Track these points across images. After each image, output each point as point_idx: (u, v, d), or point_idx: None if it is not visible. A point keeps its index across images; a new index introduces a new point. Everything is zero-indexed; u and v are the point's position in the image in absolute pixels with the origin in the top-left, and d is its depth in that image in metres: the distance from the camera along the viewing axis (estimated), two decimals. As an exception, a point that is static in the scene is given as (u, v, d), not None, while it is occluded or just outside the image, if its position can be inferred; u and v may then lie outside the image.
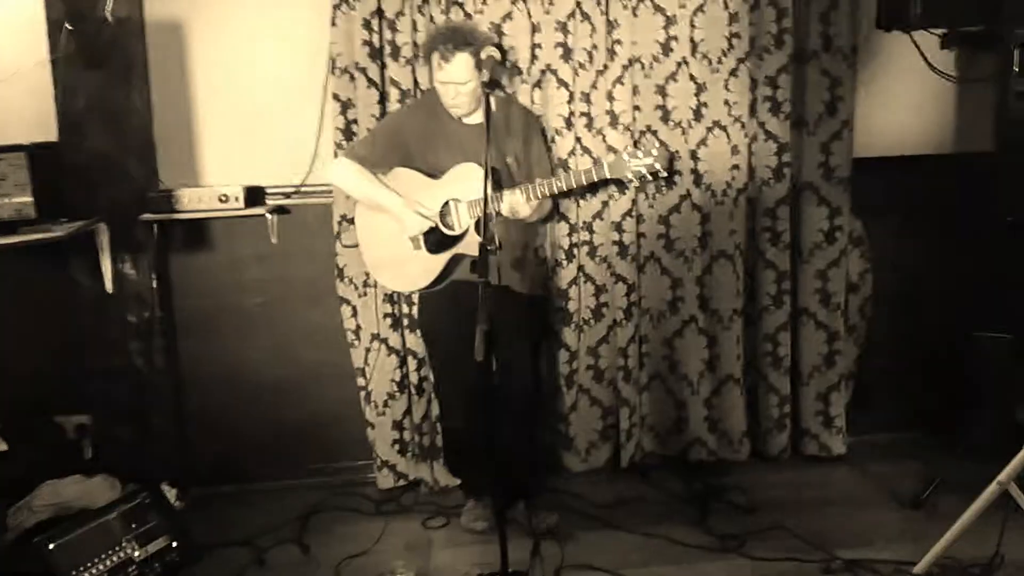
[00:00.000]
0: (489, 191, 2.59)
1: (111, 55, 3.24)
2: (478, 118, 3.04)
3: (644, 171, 2.86)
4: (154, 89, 3.42)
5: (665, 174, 2.91)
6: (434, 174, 3.07)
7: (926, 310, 3.79)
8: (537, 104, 3.45)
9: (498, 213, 2.91)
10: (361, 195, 3.13)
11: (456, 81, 2.93)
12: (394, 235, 3.08)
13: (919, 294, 3.79)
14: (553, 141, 3.46)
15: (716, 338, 3.66)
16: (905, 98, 3.72)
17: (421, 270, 3.08)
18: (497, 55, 2.85)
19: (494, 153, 2.95)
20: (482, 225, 2.52)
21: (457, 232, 3.04)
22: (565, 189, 2.96)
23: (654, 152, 2.89)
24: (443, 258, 3.06)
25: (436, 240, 3.06)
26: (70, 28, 3.12)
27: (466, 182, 2.97)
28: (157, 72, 3.42)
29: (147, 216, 3.34)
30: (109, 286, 3.33)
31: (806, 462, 3.73)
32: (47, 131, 3.24)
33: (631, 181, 2.96)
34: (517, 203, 2.92)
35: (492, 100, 2.95)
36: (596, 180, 2.96)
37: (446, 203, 3.04)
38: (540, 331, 3.46)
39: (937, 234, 3.74)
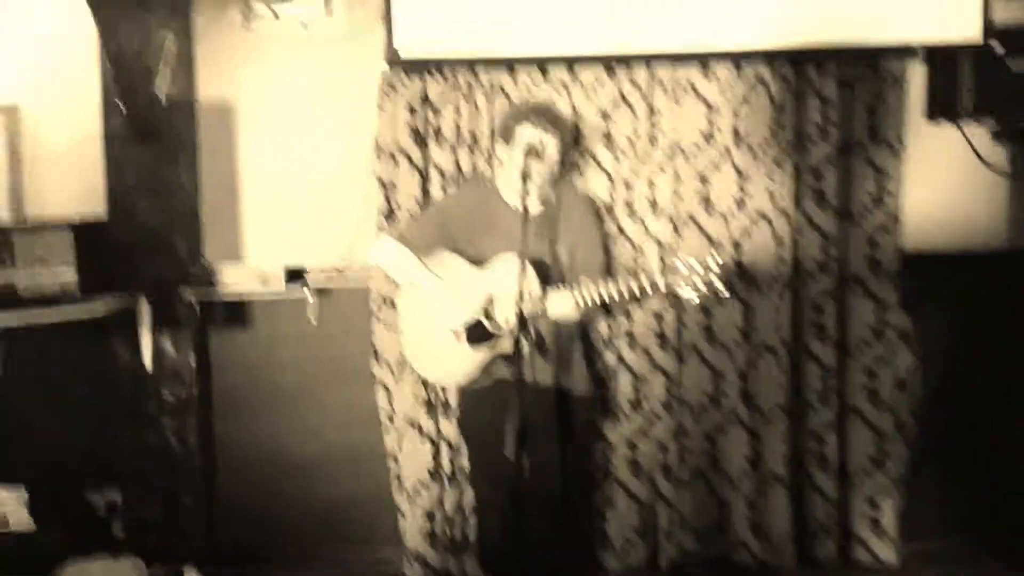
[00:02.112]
0: (531, 285, 2.49)
1: (162, 134, 3.24)
2: (537, 206, 2.87)
3: (705, 290, 2.59)
4: (203, 168, 3.41)
5: (727, 295, 2.65)
6: (480, 261, 2.88)
7: (979, 410, 3.52)
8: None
9: (544, 313, 2.69)
10: (402, 278, 2.95)
11: (542, 157, 2.77)
12: (434, 323, 2.87)
13: (972, 393, 3.53)
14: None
15: (760, 435, 3.42)
16: (955, 191, 3.53)
17: (459, 363, 2.86)
18: (572, 137, 2.80)
19: (545, 244, 2.78)
20: (518, 319, 2.38)
21: (500, 327, 2.80)
22: (616, 298, 2.68)
23: (715, 268, 2.58)
24: (482, 354, 2.83)
25: (477, 334, 2.84)
26: (123, 107, 3.13)
27: (513, 274, 2.70)
28: (206, 151, 3.41)
29: (188, 293, 3.29)
30: (148, 363, 3.25)
31: (856, 570, 3.42)
32: (96, 206, 3.22)
33: (688, 299, 2.63)
34: (566, 307, 2.68)
35: (556, 187, 2.84)
36: (651, 293, 2.68)
37: (491, 295, 2.83)
38: (586, 433, 3.17)
39: (989, 331, 3.50)
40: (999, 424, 3.46)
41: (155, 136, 3.23)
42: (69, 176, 3.23)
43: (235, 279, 3.31)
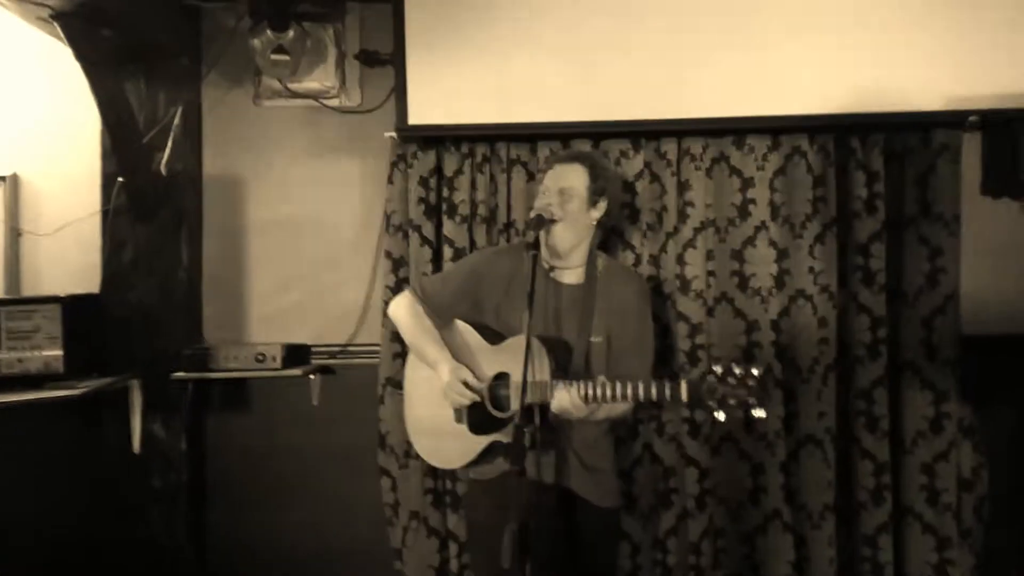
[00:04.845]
0: (541, 371, 2.24)
1: (163, 208, 3.16)
2: (575, 277, 2.56)
3: (735, 411, 2.14)
4: (206, 243, 3.32)
5: (763, 414, 2.14)
6: (497, 336, 2.55)
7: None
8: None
9: (545, 405, 2.35)
10: (411, 341, 2.65)
11: (556, 185, 2.49)
12: (438, 398, 2.55)
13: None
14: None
15: (805, 537, 3.07)
16: (1018, 269, 3.20)
17: (459, 448, 2.54)
18: (620, 193, 2.54)
19: (577, 328, 2.47)
20: (521, 408, 2.12)
21: (505, 415, 2.46)
22: (630, 400, 2.31)
23: (750, 382, 2.12)
24: (482, 441, 2.51)
25: (479, 418, 2.51)
26: (123, 181, 3.03)
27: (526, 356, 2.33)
28: (210, 226, 3.33)
29: (180, 374, 3.12)
30: (136, 446, 3.07)
31: None
32: (90, 283, 3.13)
33: (715, 412, 2.18)
34: (569, 401, 2.32)
35: (600, 260, 2.55)
36: (668, 400, 2.29)
37: (500, 376, 2.50)
38: (610, 546, 2.74)
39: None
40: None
41: (155, 211, 3.15)
42: (67, 251, 3.17)
43: (229, 357, 3.14)
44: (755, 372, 2.14)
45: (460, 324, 2.61)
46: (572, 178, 2.51)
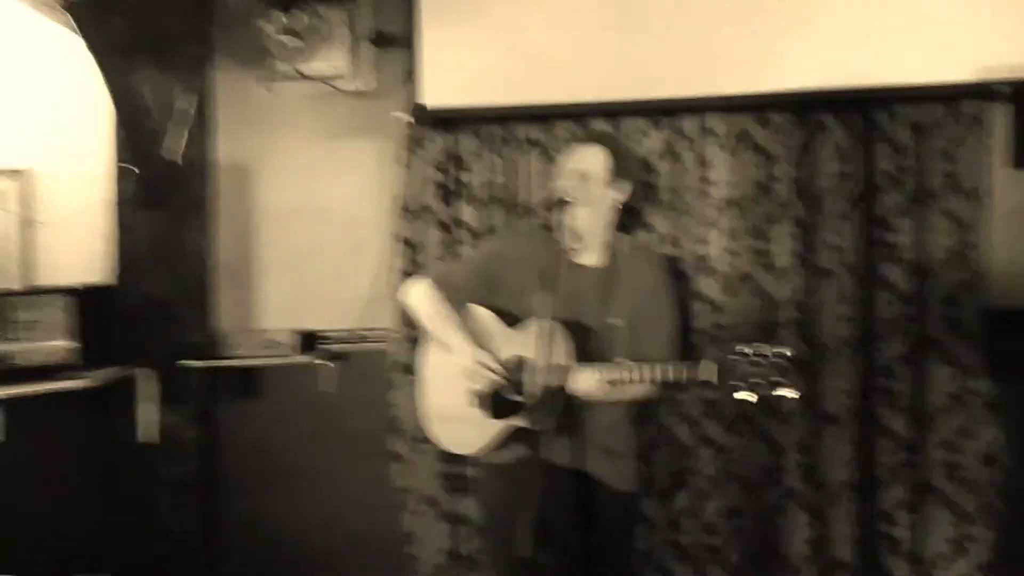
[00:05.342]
0: (559, 353, 2.22)
1: (175, 196, 3.15)
2: (596, 259, 2.55)
3: (766, 391, 2.12)
4: (219, 230, 3.31)
5: (795, 395, 2.12)
6: (515, 320, 2.55)
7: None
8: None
9: (563, 388, 2.35)
10: (428, 326, 2.63)
11: (576, 168, 2.49)
12: (456, 383, 2.55)
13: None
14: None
15: (823, 515, 3.08)
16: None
17: (475, 433, 2.54)
18: (640, 173, 2.52)
19: (598, 310, 2.47)
20: (541, 391, 2.14)
21: (523, 398, 2.45)
22: (649, 381, 2.34)
23: (781, 362, 2.10)
24: (500, 425, 2.50)
25: (497, 402, 2.51)
26: (135, 170, 3.02)
27: (546, 337, 2.34)
28: (223, 213, 3.31)
29: (190, 362, 3.13)
30: (140, 435, 3.09)
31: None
32: (104, 273, 3.13)
33: (739, 392, 2.17)
34: (588, 384, 2.33)
35: (620, 241, 2.54)
36: (689, 379, 2.29)
37: (519, 360, 2.49)
38: (626, 532, 2.73)
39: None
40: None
41: (167, 199, 3.13)
42: (80, 241, 3.16)
43: (240, 344, 3.17)
44: (786, 352, 2.12)
45: (477, 308, 2.60)
46: (592, 160, 2.49)
